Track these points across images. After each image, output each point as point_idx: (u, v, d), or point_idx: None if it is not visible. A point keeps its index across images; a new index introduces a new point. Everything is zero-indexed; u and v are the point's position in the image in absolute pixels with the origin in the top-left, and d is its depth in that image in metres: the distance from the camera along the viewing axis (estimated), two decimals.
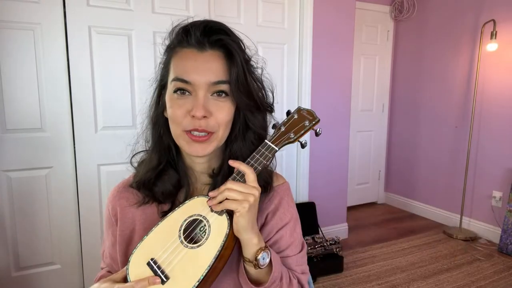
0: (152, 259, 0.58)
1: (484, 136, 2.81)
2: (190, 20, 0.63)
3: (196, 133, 0.60)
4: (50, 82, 1.73)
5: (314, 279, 2.16)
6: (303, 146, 0.63)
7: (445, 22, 3.07)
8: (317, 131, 0.66)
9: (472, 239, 2.79)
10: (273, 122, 0.68)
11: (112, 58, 1.84)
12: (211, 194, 0.59)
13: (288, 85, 2.38)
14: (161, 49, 0.67)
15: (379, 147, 3.69)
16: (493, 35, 2.57)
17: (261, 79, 0.67)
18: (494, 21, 2.58)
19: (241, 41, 0.64)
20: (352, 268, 2.32)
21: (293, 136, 0.62)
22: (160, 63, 0.67)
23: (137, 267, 0.58)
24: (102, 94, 1.83)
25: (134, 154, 0.72)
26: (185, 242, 0.58)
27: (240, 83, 0.61)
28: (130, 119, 1.91)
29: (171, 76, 0.61)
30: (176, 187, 0.68)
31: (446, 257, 2.50)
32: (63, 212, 1.84)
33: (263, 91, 0.67)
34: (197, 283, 0.54)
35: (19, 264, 1.79)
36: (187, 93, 0.60)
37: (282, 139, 0.62)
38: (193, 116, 0.59)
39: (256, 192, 0.57)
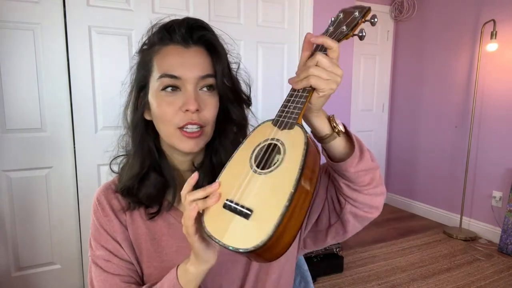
0: (227, 200, 0.50)
1: (484, 136, 2.81)
2: (167, 19, 0.64)
3: (189, 127, 0.60)
4: (50, 82, 1.73)
5: (314, 279, 2.16)
6: (361, 38, 0.57)
7: (445, 22, 3.07)
8: (372, 20, 0.56)
9: (472, 239, 2.79)
10: (250, 114, 0.70)
11: (112, 58, 1.83)
12: (297, 72, 0.54)
13: (288, 85, 2.37)
14: (136, 50, 0.67)
15: (379, 147, 3.69)
16: (493, 35, 2.57)
17: (237, 73, 0.69)
18: (494, 21, 2.58)
19: (220, 36, 0.65)
20: (352, 268, 2.32)
21: (345, 28, 0.55)
22: (134, 65, 0.66)
23: (213, 216, 0.51)
24: (102, 94, 1.83)
25: (114, 158, 0.71)
26: (259, 170, 0.51)
27: (225, 76, 0.62)
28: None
29: (156, 74, 0.61)
30: (161, 190, 0.66)
31: (446, 257, 2.50)
32: (63, 212, 1.84)
33: (240, 84, 0.68)
34: (287, 203, 0.45)
35: (19, 264, 1.79)
36: (176, 89, 0.60)
37: (335, 35, 0.56)
38: (186, 111, 0.59)
39: (342, 72, 0.52)
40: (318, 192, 0.67)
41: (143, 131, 0.65)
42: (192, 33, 0.61)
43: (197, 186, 0.65)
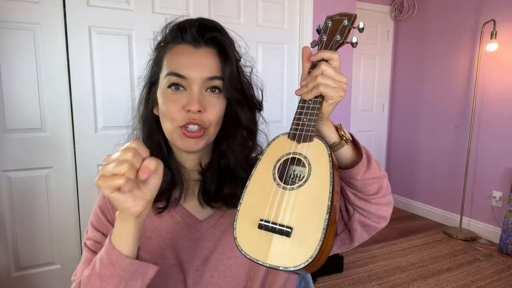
0: (262, 220, 0.49)
1: (484, 136, 2.81)
2: (184, 18, 0.64)
3: (190, 127, 0.60)
4: (50, 82, 1.73)
5: (314, 279, 2.16)
6: (353, 45, 0.59)
7: (445, 22, 3.07)
8: (360, 26, 0.58)
9: (472, 239, 2.79)
10: (261, 119, 0.69)
11: (112, 58, 1.83)
12: (302, 83, 0.56)
13: (288, 85, 2.37)
14: (152, 46, 0.68)
15: (379, 147, 3.69)
16: (493, 35, 2.57)
17: (250, 77, 0.68)
18: (494, 21, 2.58)
19: (233, 39, 0.65)
20: (352, 268, 2.33)
21: (339, 37, 0.57)
22: (150, 60, 0.68)
23: (250, 238, 0.49)
24: (102, 94, 1.83)
25: None
26: (288, 186, 0.51)
27: (233, 79, 0.62)
28: (130, 119, 1.91)
29: (165, 71, 0.62)
30: (170, 184, 0.67)
31: (446, 257, 2.50)
32: (63, 212, 1.84)
33: (253, 89, 0.68)
34: (327, 215, 0.47)
35: (19, 264, 1.79)
36: (181, 88, 0.61)
37: (331, 45, 0.57)
38: (188, 111, 0.59)
39: (346, 79, 0.54)
40: None
41: (152, 125, 0.67)
42: (203, 33, 0.62)
43: (204, 189, 0.67)
